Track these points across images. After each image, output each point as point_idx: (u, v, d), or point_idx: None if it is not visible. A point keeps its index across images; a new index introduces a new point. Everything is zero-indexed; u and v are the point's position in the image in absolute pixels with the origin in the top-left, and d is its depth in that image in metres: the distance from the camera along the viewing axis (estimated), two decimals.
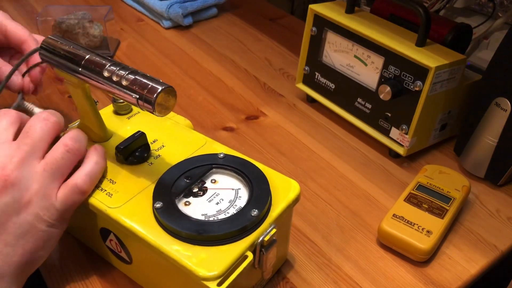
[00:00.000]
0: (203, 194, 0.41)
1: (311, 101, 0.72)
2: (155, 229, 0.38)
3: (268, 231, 0.38)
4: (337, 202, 0.54)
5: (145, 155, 0.44)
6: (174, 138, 0.47)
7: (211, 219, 0.38)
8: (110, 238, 0.42)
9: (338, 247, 0.49)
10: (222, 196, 0.40)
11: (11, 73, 0.47)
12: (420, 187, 0.52)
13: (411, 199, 0.51)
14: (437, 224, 0.48)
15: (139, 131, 0.44)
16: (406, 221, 0.48)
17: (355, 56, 0.62)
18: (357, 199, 0.55)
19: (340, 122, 0.67)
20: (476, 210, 0.54)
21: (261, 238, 0.37)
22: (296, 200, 0.41)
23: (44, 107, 0.68)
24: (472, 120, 0.57)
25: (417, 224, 0.47)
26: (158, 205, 0.38)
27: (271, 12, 1.00)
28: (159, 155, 0.44)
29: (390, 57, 0.57)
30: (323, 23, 0.64)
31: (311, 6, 0.64)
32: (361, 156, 0.62)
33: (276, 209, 0.39)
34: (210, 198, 0.40)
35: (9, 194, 0.35)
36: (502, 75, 0.53)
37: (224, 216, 0.38)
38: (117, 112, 0.49)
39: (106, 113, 0.50)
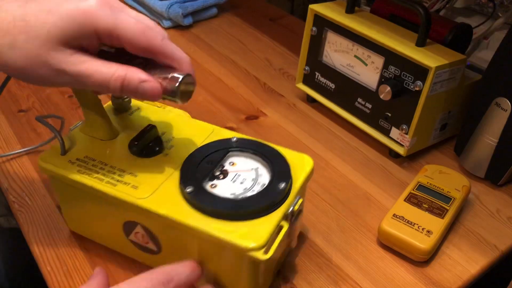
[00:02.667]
0: (225, 176, 0.42)
1: (311, 101, 0.72)
2: (190, 212, 0.39)
3: (295, 202, 0.40)
4: (337, 202, 0.54)
5: (159, 147, 0.44)
6: (181, 129, 0.48)
7: (240, 197, 0.40)
8: (136, 231, 0.42)
9: (338, 247, 0.49)
10: (243, 176, 0.42)
11: (7, 81, 0.44)
12: (420, 187, 0.52)
13: (411, 199, 0.51)
14: (437, 224, 0.48)
15: (149, 124, 0.45)
16: (406, 221, 0.48)
17: (355, 56, 0.62)
18: (357, 199, 0.55)
19: (340, 122, 0.67)
20: (476, 210, 0.54)
21: (291, 209, 0.40)
22: (311, 174, 0.44)
23: (44, 107, 0.68)
24: (472, 120, 0.57)
25: (417, 224, 0.47)
26: (189, 189, 0.39)
27: (271, 12, 1.00)
28: (172, 146, 0.45)
29: (390, 57, 0.57)
30: (323, 23, 0.64)
31: (311, 6, 0.64)
32: (361, 156, 0.62)
33: (297, 182, 0.42)
34: (234, 179, 0.42)
35: None
36: (502, 75, 0.53)
37: (253, 193, 0.40)
38: (116, 110, 0.50)
39: (107, 111, 0.50)
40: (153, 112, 0.50)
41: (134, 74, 0.35)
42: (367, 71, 0.61)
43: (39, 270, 0.46)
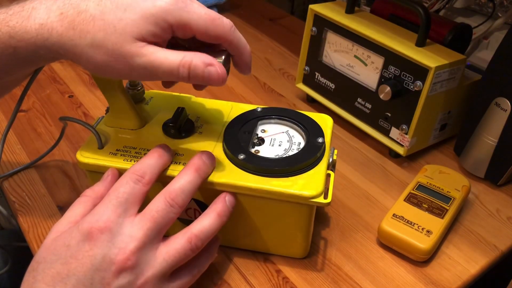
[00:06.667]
0: (263, 142, 0.46)
1: (311, 101, 0.72)
2: (247, 176, 0.41)
3: (331, 153, 0.45)
4: (337, 202, 0.54)
5: (192, 126, 0.46)
6: (203, 109, 0.50)
7: (285, 156, 0.44)
8: (188, 207, 0.44)
9: (338, 247, 0.49)
10: (279, 139, 0.46)
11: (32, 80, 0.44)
12: (420, 187, 0.52)
13: (411, 199, 0.51)
14: (437, 224, 0.48)
15: (179, 107, 0.47)
16: (406, 221, 0.48)
17: (355, 56, 0.62)
18: (357, 199, 0.55)
19: (340, 122, 0.67)
20: (476, 210, 0.54)
21: (331, 159, 0.44)
22: (331, 130, 0.48)
23: (45, 107, 0.68)
24: (472, 120, 0.57)
25: (417, 224, 0.47)
26: (242, 156, 0.42)
27: (271, 12, 1.00)
28: (201, 125, 0.47)
29: (390, 57, 0.57)
30: (323, 23, 0.64)
31: (311, 6, 0.64)
32: (361, 156, 0.62)
33: (327, 136, 0.46)
34: (271, 143, 0.46)
35: (126, 277, 0.34)
36: (502, 75, 0.53)
37: (293, 152, 0.44)
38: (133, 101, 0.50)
39: None
40: (168, 99, 0.51)
41: (200, 58, 0.36)
42: (367, 71, 0.61)
43: None
